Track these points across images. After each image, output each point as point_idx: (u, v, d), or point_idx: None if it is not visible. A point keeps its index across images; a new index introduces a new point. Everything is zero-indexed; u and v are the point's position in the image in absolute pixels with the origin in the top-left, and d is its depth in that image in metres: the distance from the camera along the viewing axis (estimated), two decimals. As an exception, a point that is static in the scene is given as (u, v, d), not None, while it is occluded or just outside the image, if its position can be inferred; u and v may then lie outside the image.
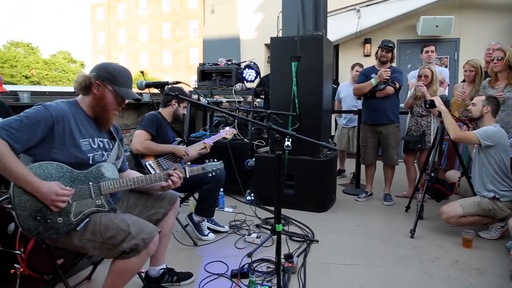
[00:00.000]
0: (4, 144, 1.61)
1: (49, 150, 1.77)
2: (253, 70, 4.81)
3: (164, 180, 2.12)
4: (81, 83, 1.92)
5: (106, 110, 1.97)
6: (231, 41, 9.69)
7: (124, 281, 1.93)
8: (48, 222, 1.74)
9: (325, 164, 4.08)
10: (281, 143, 1.81)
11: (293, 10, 4.16)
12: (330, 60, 4.53)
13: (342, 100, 5.82)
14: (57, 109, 1.81)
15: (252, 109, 4.65)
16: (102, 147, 2.00)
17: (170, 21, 36.97)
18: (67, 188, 1.75)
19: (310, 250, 3.05)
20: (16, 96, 4.13)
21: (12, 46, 34.23)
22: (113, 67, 1.98)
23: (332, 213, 4.10)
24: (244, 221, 3.70)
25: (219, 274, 2.63)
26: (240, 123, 4.65)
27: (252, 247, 3.04)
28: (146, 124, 3.12)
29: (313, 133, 3.93)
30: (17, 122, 1.67)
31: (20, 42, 34.97)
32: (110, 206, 1.95)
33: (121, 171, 2.12)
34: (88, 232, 1.83)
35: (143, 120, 3.18)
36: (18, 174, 1.63)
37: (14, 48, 34.07)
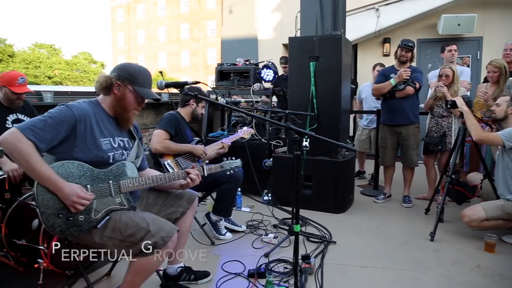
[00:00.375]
0: (30, 144, 1.65)
1: (71, 149, 1.82)
2: (271, 70, 4.80)
3: (182, 178, 2.14)
4: (102, 84, 1.96)
5: (126, 110, 2.00)
6: (249, 41, 9.70)
7: (143, 278, 1.96)
8: (70, 220, 1.79)
9: (343, 164, 4.05)
10: (300, 143, 1.81)
11: (311, 9, 4.14)
12: (349, 60, 4.49)
13: (364, 101, 5.76)
14: (79, 109, 1.85)
15: (270, 109, 4.66)
16: (122, 146, 2.04)
17: (188, 21, 37.28)
18: (88, 193, 1.80)
19: (328, 251, 3.03)
20: (40, 96, 4.24)
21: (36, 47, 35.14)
22: (133, 67, 2.01)
23: (349, 214, 4.07)
24: (261, 221, 3.70)
25: (236, 273, 2.64)
26: (258, 123, 4.65)
27: (269, 247, 3.04)
28: (165, 123, 3.16)
29: (331, 134, 3.90)
30: (41, 122, 1.72)
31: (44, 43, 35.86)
32: (130, 204, 1.98)
33: (140, 170, 2.15)
34: (109, 230, 1.87)
35: (162, 119, 3.22)
36: (42, 174, 1.68)
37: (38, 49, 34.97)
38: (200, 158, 3.24)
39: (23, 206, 2.60)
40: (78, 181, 1.80)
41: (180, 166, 3.15)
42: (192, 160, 3.23)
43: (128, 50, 40.69)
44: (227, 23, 10.98)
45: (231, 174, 2.46)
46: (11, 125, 3.06)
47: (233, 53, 8.48)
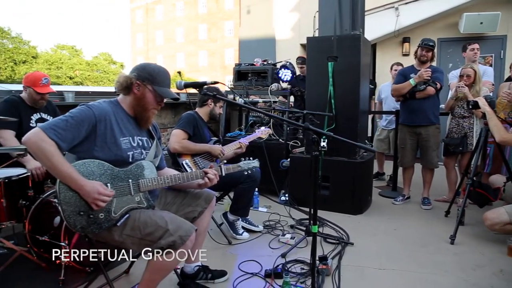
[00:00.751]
0: (52, 144, 1.70)
1: (91, 148, 1.86)
2: (289, 70, 4.79)
3: (200, 178, 2.16)
4: (122, 84, 1.99)
5: (146, 109, 2.03)
6: (266, 41, 9.70)
7: (161, 277, 1.99)
8: (91, 218, 1.82)
9: (361, 165, 4.01)
10: (318, 144, 1.80)
11: (329, 9, 4.12)
12: (368, 60, 4.44)
13: (383, 101, 5.69)
14: (99, 109, 1.89)
15: (288, 109, 4.64)
16: (141, 145, 2.07)
17: (206, 22, 37.50)
18: (109, 189, 1.83)
19: (345, 253, 3.01)
20: (62, 96, 4.34)
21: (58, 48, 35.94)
22: (152, 67, 2.04)
23: (367, 215, 4.03)
24: (278, 222, 3.70)
25: (253, 273, 2.64)
26: (275, 123, 4.65)
27: (286, 248, 3.03)
28: (183, 123, 3.19)
29: (350, 134, 3.86)
30: (63, 122, 1.76)
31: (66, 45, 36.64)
32: (149, 203, 2.01)
33: (159, 169, 2.18)
34: (128, 228, 1.90)
35: (181, 119, 3.25)
36: (64, 172, 1.72)
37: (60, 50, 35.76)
38: (218, 158, 3.26)
39: (46, 203, 2.66)
40: (99, 179, 1.84)
41: (198, 165, 3.17)
42: (210, 160, 3.25)
43: (146, 51, 41.20)
44: (245, 24, 11.01)
45: (248, 174, 2.46)
46: (35, 124, 3.15)
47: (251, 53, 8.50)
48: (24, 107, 3.14)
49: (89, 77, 34.16)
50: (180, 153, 3.14)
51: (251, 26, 10.50)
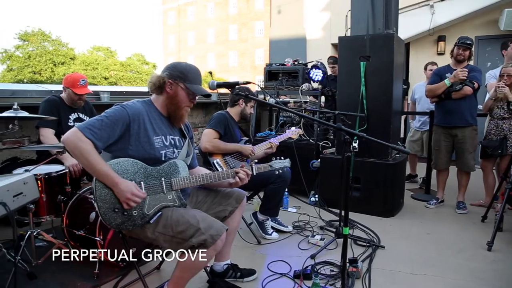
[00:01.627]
0: (89, 143, 1.76)
1: (126, 146, 1.91)
2: (320, 70, 4.75)
3: (231, 177, 2.17)
4: (155, 83, 2.04)
5: (179, 107, 2.07)
6: (297, 41, 9.67)
7: (191, 274, 2.01)
8: (125, 215, 1.88)
9: (394, 167, 3.92)
10: (350, 145, 1.78)
11: (362, 8, 4.05)
12: (401, 59, 4.34)
13: (417, 101, 5.53)
14: (133, 108, 1.94)
15: (319, 110, 4.61)
16: (174, 144, 2.11)
17: (236, 22, 37.78)
18: (142, 191, 1.88)
19: (376, 256, 2.95)
20: (98, 96, 4.48)
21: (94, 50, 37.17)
22: (183, 65, 2.08)
23: (399, 218, 3.93)
24: (308, 222, 3.67)
25: (282, 273, 2.64)
26: (306, 124, 4.62)
27: (316, 249, 3.01)
28: (215, 123, 3.21)
29: (382, 135, 3.78)
30: (99, 121, 1.82)
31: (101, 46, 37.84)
32: (181, 201, 2.04)
33: (190, 168, 2.22)
34: (160, 226, 1.94)
35: (212, 119, 3.27)
36: (100, 171, 1.78)
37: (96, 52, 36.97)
38: (249, 158, 3.28)
39: (82, 199, 2.77)
40: (132, 177, 1.89)
41: (228, 165, 3.20)
42: (240, 159, 3.27)
43: (178, 52, 41.95)
44: (276, 23, 11.00)
45: (279, 174, 2.46)
46: (72, 123, 3.27)
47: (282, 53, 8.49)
48: (63, 107, 3.27)
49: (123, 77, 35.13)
50: (211, 152, 3.18)
51: (281, 26, 10.49)
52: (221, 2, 38.92)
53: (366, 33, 3.95)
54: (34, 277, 2.51)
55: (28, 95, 4.00)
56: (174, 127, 2.16)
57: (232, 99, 3.41)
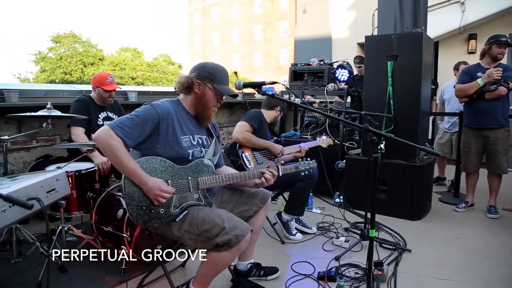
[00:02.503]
0: (119, 141, 1.81)
1: (154, 145, 1.95)
2: (346, 70, 4.70)
3: (257, 177, 2.18)
4: (183, 84, 2.07)
5: (207, 107, 2.10)
6: (322, 40, 9.60)
7: (215, 273, 2.04)
8: (152, 212, 1.91)
9: (421, 169, 3.83)
10: (378, 146, 1.75)
11: (390, 6, 3.97)
12: (430, 59, 4.23)
13: (446, 102, 5.37)
14: (162, 108, 1.98)
15: (345, 110, 4.56)
16: (201, 143, 2.14)
17: (261, 22, 37.82)
18: (170, 187, 1.91)
19: (402, 260, 2.90)
20: (126, 96, 4.60)
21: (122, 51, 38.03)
22: (211, 65, 2.11)
23: (426, 222, 3.84)
24: (332, 224, 3.64)
25: (306, 274, 2.63)
26: (331, 124, 4.58)
27: (340, 251, 2.98)
28: (250, 117, 3.25)
29: (409, 136, 3.69)
30: (129, 120, 1.87)
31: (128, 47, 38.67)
32: (207, 200, 2.07)
33: (217, 167, 2.24)
34: (186, 224, 1.97)
35: (248, 113, 3.31)
36: (129, 169, 1.82)
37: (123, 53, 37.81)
38: (277, 157, 3.29)
39: (110, 196, 2.84)
40: (160, 176, 1.92)
41: (256, 160, 3.22)
42: (268, 157, 3.28)
43: (203, 52, 42.36)
44: (301, 23, 10.96)
45: (306, 173, 2.45)
46: (102, 122, 3.37)
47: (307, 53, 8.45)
48: (93, 106, 3.37)
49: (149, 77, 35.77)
50: (242, 144, 3.20)
51: (307, 26, 10.44)
52: (246, 2, 39.05)
53: (394, 32, 3.87)
54: (65, 270, 2.60)
55: (60, 94, 4.15)
56: (201, 126, 2.20)
57: (270, 103, 3.45)
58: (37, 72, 33.22)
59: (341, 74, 4.73)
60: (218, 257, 1.94)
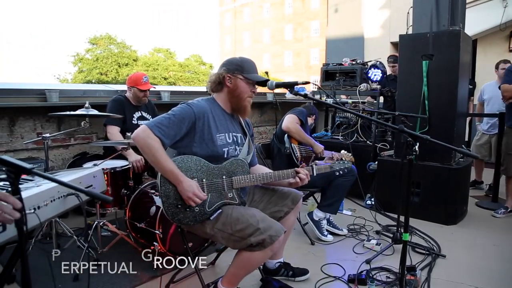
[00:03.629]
0: (157, 140, 1.85)
1: (190, 144, 1.98)
2: (379, 70, 4.60)
3: (292, 177, 2.17)
4: (215, 81, 2.11)
5: (241, 98, 2.11)
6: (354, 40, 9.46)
7: (246, 272, 2.05)
8: (187, 211, 1.95)
9: (457, 172, 3.71)
10: (413, 147, 1.71)
11: (425, 4, 3.86)
12: (468, 58, 4.08)
13: (486, 102, 5.15)
14: (198, 107, 2.01)
15: (377, 110, 4.47)
16: (236, 141, 2.16)
17: (292, 22, 37.64)
18: (203, 193, 1.93)
19: (435, 265, 2.81)
20: (159, 95, 4.70)
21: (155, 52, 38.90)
22: (238, 58, 2.15)
23: (462, 227, 3.71)
24: (363, 226, 3.58)
25: (336, 277, 2.60)
26: (363, 125, 4.51)
27: (371, 254, 2.93)
28: (299, 112, 3.45)
29: (445, 138, 3.54)
30: (166, 119, 1.90)
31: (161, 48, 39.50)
32: (241, 199, 2.09)
33: (250, 166, 2.25)
34: (220, 223, 1.98)
35: (296, 109, 3.51)
36: (165, 167, 1.86)
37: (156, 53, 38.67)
38: (317, 156, 3.35)
39: (143, 194, 2.91)
40: (196, 175, 1.95)
41: (301, 153, 3.34)
42: (309, 154, 3.36)
43: (234, 52, 42.63)
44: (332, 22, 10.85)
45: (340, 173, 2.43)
46: (136, 121, 3.46)
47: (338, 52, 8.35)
48: (128, 106, 3.47)
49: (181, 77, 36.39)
50: (291, 134, 3.32)
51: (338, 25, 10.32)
52: (277, 3, 38.97)
53: (430, 30, 3.77)
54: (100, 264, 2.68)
55: (97, 94, 4.29)
56: (236, 124, 2.21)
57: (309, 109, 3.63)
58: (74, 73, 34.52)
59: (374, 74, 4.64)
60: (250, 257, 1.94)
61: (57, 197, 1.59)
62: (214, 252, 2.84)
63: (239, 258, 1.99)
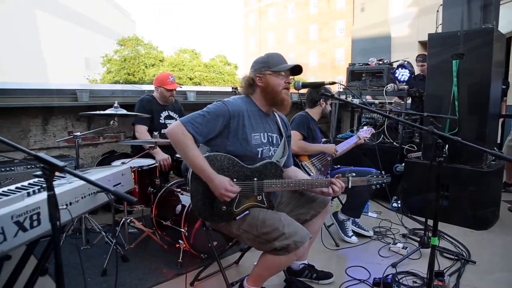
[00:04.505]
0: (190, 137, 1.86)
1: (224, 142, 1.98)
2: (406, 69, 4.51)
3: (325, 186, 2.11)
4: (246, 84, 2.11)
5: (276, 92, 2.07)
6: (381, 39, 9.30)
7: (270, 274, 2.06)
8: (214, 209, 1.96)
9: (488, 175, 3.58)
10: (443, 149, 1.67)
11: (456, 1, 3.75)
12: (501, 57, 3.94)
13: None
14: (233, 105, 2.01)
15: (405, 111, 4.38)
16: (271, 142, 2.14)
17: (317, 22, 37.38)
18: (235, 186, 1.92)
19: (465, 271, 2.72)
20: (185, 95, 4.77)
21: (180, 52, 39.41)
22: (262, 56, 2.14)
23: (493, 232, 3.57)
24: (389, 229, 3.51)
25: (361, 280, 2.56)
26: (389, 126, 4.42)
27: (397, 257, 2.87)
28: (297, 125, 3.17)
29: (476, 140, 3.48)
30: (200, 117, 1.91)
31: (187, 48, 39.97)
32: (270, 203, 2.08)
33: (285, 167, 2.23)
34: (246, 224, 1.99)
35: (294, 121, 3.23)
36: (197, 165, 1.87)
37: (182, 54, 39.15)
38: (333, 156, 3.24)
39: (170, 192, 2.96)
40: (227, 174, 1.95)
41: (315, 166, 3.19)
42: (324, 159, 3.24)
43: (259, 52, 42.58)
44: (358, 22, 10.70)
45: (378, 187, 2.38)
46: (163, 121, 3.53)
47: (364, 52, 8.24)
48: (155, 106, 3.54)
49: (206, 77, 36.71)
50: (297, 154, 3.13)
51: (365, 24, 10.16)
52: (302, 3, 38.79)
53: (460, 28, 3.66)
54: (127, 259, 2.76)
55: (125, 94, 4.40)
56: (272, 124, 2.19)
57: (312, 99, 3.36)
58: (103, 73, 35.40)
59: (401, 74, 4.55)
60: (274, 260, 1.94)
61: (88, 194, 1.64)
62: (238, 251, 2.86)
63: (263, 260, 1.99)
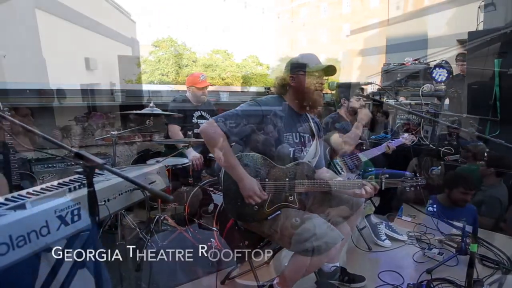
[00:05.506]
0: (222, 135, 1.89)
1: (256, 141, 2.00)
2: (444, 69, 4.36)
3: (357, 188, 2.08)
4: (279, 85, 2.12)
5: (309, 92, 2.08)
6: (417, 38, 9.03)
7: (300, 276, 2.04)
8: (246, 209, 1.97)
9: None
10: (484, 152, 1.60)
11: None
12: (548, 55, 3.74)
13: None
14: (266, 105, 2.02)
15: (443, 112, 4.23)
16: (303, 142, 2.13)
17: (350, 21, 36.82)
18: (263, 193, 1.93)
19: (506, 281, 2.60)
20: (218, 95, 4.83)
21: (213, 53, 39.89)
22: (296, 57, 2.15)
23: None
24: (424, 234, 3.40)
25: (394, 285, 2.50)
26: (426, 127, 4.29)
27: (432, 263, 2.79)
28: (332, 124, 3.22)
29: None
30: (233, 115, 1.94)
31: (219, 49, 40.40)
32: (301, 203, 2.07)
33: (317, 168, 2.22)
34: (277, 224, 1.99)
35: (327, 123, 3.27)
36: (229, 163, 1.90)
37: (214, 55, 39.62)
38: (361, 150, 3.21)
39: (202, 191, 3.00)
40: (259, 173, 1.97)
41: (347, 165, 3.16)
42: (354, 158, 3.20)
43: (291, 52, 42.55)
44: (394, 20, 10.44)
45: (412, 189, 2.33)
46: (196, 120, 3.58)
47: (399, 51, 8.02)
48: (188, 105, 3.60)
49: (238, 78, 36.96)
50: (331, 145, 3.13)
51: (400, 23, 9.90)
52: (334, 2, 38.30)
53: (503, 25, 3.50)
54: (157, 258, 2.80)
55: (159, 94, 4.50)
56: (305, 124, 2.19)
57: (336, 100, 3.39)
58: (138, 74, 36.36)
59: (438, 74, 4.41)
60: (305, 261, 1.93)
61: (124, 191, 1.69)
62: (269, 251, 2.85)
63: (294, 261, 1.98)
